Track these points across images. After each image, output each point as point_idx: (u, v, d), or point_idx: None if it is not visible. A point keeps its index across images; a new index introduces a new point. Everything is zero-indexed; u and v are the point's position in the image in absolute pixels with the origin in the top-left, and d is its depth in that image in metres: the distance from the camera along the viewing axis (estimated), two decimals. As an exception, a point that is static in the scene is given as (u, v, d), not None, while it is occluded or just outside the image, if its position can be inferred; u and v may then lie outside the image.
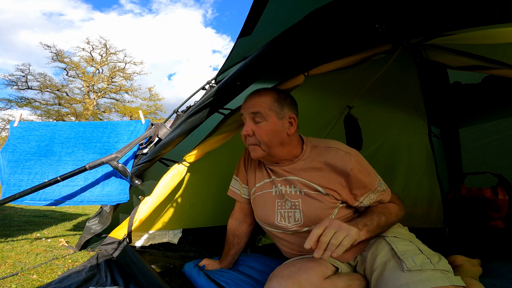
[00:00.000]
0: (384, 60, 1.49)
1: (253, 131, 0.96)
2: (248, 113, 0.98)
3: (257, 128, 0.96)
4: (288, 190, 1.01)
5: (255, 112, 0.96)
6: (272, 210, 1.04)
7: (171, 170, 1.34)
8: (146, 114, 18.99)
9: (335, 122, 2.00)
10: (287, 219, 1.00)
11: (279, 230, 1.04)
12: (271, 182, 1.07)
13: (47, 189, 1.47)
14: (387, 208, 0.97)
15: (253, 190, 1.13)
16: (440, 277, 0.74)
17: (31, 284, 1.03)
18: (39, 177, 1.52)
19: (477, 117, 2.06)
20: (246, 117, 1.00)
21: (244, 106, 1.02)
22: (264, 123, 0.95)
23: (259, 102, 0.97)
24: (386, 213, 0.94)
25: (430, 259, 0.80)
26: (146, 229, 1.45)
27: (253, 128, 0.96)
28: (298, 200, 0.99)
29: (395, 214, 0.97)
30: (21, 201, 1.43)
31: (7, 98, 15.72)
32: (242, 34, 1.07)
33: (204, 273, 1.08)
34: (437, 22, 1.08)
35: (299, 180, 0.99)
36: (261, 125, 0.96)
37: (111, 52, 18.76)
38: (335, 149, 0.98)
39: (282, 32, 0.91)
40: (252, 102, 0.99)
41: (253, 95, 1.01)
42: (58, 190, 1.50)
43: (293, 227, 0.99)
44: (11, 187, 1.49)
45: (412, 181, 1.97)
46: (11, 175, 1.52)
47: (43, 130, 1.64)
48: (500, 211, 1.55)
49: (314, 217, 0.96)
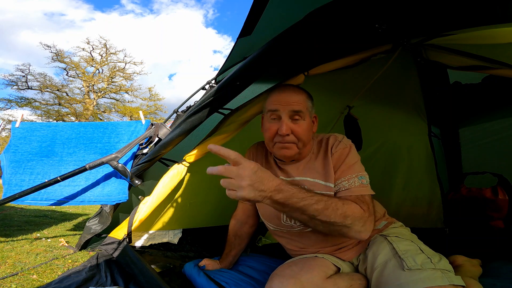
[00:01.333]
0: (384, 60, 1.49)
1: (292, 129, 0.92)
2: (287, 111, 0.92)
3: (297, 126, 0.93)
4: None
5: (297, 110, 0.92)
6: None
7: (171, 170, 1.34)
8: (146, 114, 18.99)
9: (335, 122, 2.01)
10: (293, 220, 0.99)
11: (285, 229, 1.04)
12: None
13: (49, 189, 1.49)
14: (344, 203, 0.80)
15: None
16: (440, 276, 0.74)
17: (31, 284, 1.03)
18: (41, 177, 1.53)
19: (477, 117, 2.06)
20: (282, 114, 0.93)
21: (280, 102, 0.94)
22: (303, 122, 0.93)
23: (299, 100, 0.94)
24: (335, 204, 0.77)
25: (430, 259, 0.80)
26: (146, 229, 1.45)
27: (292, 127, 0.92)
28: None
29: (349, 214, 0.78)
30: (23, 201, 1.44)
31: (7, 98, 15.74)
32: (242, 34, 1.07)
33: (204, 273, 1.08)
34: (437, 22, 1.08)
35: (307, 180, 0.98)
36: (300, 123, 0.93)
37: (111, 52, 18.77)
38: (334, 136, 1.01)
39: (282, 32, 0.91)
40: (291, 99, 0.93)
41: (287, 91, 0.96)
42: (60, 190, 1.52)
43: (299, 227, 0.99)
44: (12, 187, 1.50)
45: (412, 181, 1.97)
46: (13, 175, 1.53)
47: (44, 130, 1.65)
48: (500, 211, 1.55)
49: None
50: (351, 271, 0.96)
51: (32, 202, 1.49)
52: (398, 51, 1.39)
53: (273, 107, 0.94)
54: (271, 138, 0.96)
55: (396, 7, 0.94)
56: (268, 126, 0.96)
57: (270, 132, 0.95)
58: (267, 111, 0.97)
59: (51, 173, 1.54)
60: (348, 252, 0.98)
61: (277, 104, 0.94)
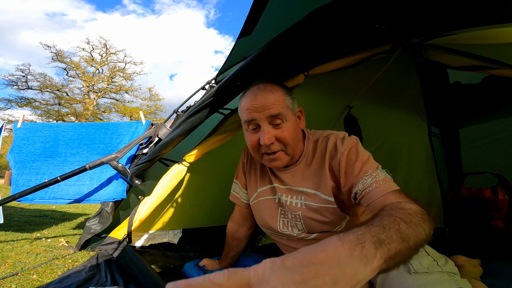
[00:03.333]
0: (384, 60, 1.49)
1: (275, 136, 0.81)
2: (264, 117, 0.80)
3: (280, 131, 0.81)
4: (289, 200, 0.93)
5: (276, 114, 0.80)
6: (274, 217, 0.98)
7: (171, 170, 1.34)
8: (146, 114, 19.00)
9: (335, 122, 2.01)
10: (291, 228, 0.94)
11: (284, 237, 0.98)
12: (273, 189, 0.99)
13: (56, 189, 1.54)
14: (403, 208, 0.55)
15: (254, 195, 1.05)
16: (447, 279, 0.73)
17: (31, 284, 1.03)
18: (47, 177, 1.57)
19: (477, 117, 2.06)
20: (260, 122, 0.81)
21: (255, 109, 0.81)
22: (286, 124, 0.82)
23: (276, 101, 0.81)
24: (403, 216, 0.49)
25: (437, 261, 0.79)
26: (146, 229, 1.44)
27: (275, 134, 0.81)
28: (298, 213, 0.91)
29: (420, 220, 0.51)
30: (31, 199, 1.51)
31: (7, 98, 15.76)
32: (242, 34, 1.07)
33: (204, 273, 1.08)
34: (438, 22, 1.08)
35: (302, 190, 0.90)
36: (283, 127, 0.82)
37: (111, 52, 18.79)
38: (334, 134, 0.89)
39: (282, 32, 0.91)
40: (266, 102, 0.81)
41: (260, 94, 0.82)
42: (66, 189, 1.57)
43: (299, 235, 0.93)
44: (20, 187, 1.54)
45: (412, 181, 1.97)
46: (19, 176, 1.58)
47: (46, 131, 1.67)
48: (500, 211, 1.55)
49: (319, 229, 0.89)
50: None
51: (41, 201, 1.56)
52: (398, 51, 1.39)
53: (248, 117, 0.82)
54: (256, 150, 0.86)
55: (396, 7, 0.94)
56: (248, 137, 0.86)
57: (252, 144, 0.85)
58: (243, 122, 0.85)
59: (56, 173, 1.57)
60: None
61: (252, 112, 0.81)
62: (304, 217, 0.89)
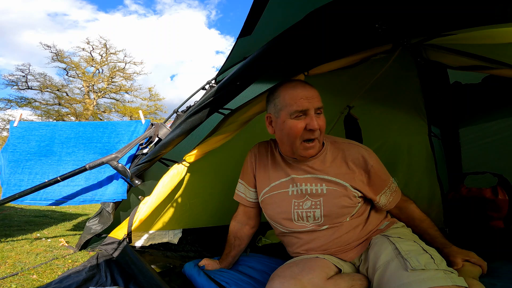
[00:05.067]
0: (384, 60, 1.49)
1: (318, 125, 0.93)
2: (314, 107, 0.92)
3: (320, 121, 0.93)
4: (309, 188, 0.99)
5: (320, 106, 0.94)
6: (288, 210, 1.01)
7: (171, 170, 1.34)
8: (146, 114, 18.99)
9: (335, 122, 2.01)
10: (306, 219, 0.99)
11: (295, 229, 1.02)
12: (287, 181, 1.04)
13: (48, 189, 1.48)
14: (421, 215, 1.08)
15: (266, 189, 1.08)
16: (442, 277, 0.74)
17: (31, 284, 1.03)
18: (39, 177, 1.52)
19: (477, 117, 2.06)
20: (310, 112, 0.92)
21: (306, 98, 0.92)
22: (323, 116, 0.96)
23: (318, 95, 0.95)
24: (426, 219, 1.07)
25: (433, 259, 0.80)
26: (146, 229, 1.45)
27: (318, 122, 0.93)
28: (320, 199, 0.98)
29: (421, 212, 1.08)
30: (22, 201, 1.44)
31: (7, 98, 15.74)
32: (242, 34, 1.07)
33: (204, 273, 1.08)
34: (437, 22, 1.08)
35: (325, 178, 0.98)
36: (321, 117, 0.95)
37: (111, 52, 18.77)
38: (356, 145, 1.03)
39: (282, 32, 0.91)
40: (314, 93, 0.94)
41: (307, 87, 0.95)
42: (59, 190, 1.51)
43: (311, 226, 0.99)
44: (11, 187, 1.49)
45: (412, 181, 1.97)
46: (12, 175, 1.52)
47: (43, 130, 1.64)
48: (500, 211, 1.54)
49: (335, 215, 0.97)
50: (352, 271, 0.96)
51: (32, 202, 1.48)
52: (398, 51, 1.39)
53: (302, 107, 0.92)
54: (298, 137, 0.94)
55: (396, 7, 0.94)
56: (294, 124, 0.93)
57: (297, 130, 0.92)
58: (293, 111, 0.93)
59: (49, 172, 1.53)
60: (349, 252, 0.98)
61: (305, 102, 0.92)
62: (325, 202, 0.98)
